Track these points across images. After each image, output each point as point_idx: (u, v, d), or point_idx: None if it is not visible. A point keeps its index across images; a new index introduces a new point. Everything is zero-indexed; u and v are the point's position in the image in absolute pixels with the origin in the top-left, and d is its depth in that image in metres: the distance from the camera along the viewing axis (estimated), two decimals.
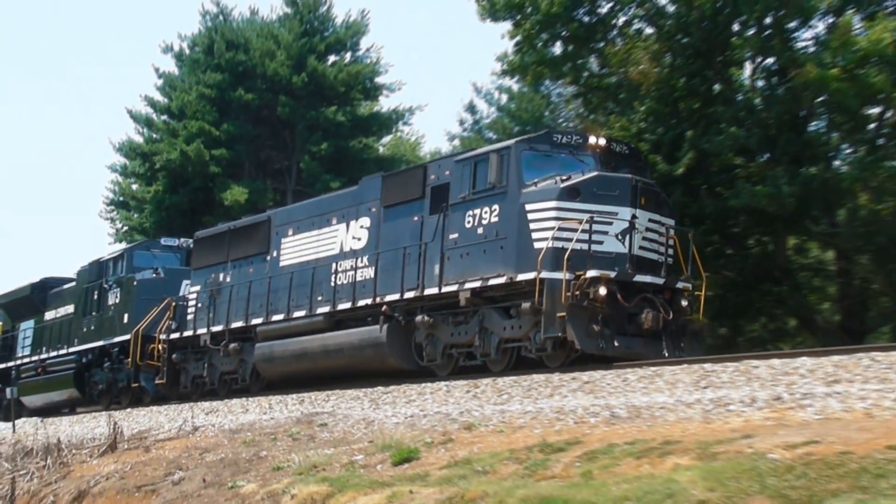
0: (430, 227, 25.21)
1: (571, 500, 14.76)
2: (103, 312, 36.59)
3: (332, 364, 27.46)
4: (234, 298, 31.05)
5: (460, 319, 24.44)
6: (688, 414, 18.03)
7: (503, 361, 23.52)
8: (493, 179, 23.48)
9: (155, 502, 22.57)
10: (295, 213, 31.70)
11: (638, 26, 36.52)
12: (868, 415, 15.83)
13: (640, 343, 22.05)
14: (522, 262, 22.55)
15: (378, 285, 26.28)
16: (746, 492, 13.56)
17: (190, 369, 33.06)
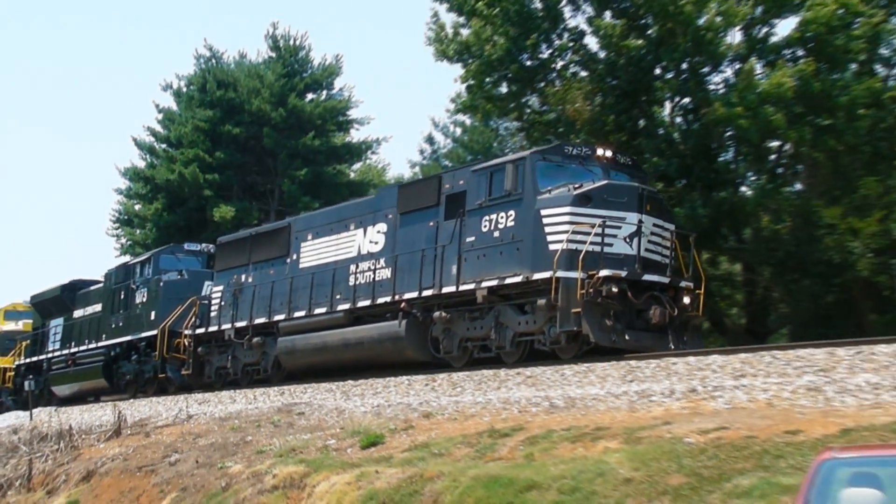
0: (445, 231, 24.55)
1: (516, 479, 14.85)
2: (131, 310, 35.85)
3: (351, 356, 26.76)
4: (256, 297, 30.29)
5: (476, 315, 23.72)
6: (616, 404, 18.15)
7: (517, 354, 22.89)
8: (509, 187, 22.80)
9: (154, 481, 22.50)
10: (314, 220, 30.87)
11: (573, 70, 36.60)
12: (769, 404, 15.98)
13: (648, 336, 21.51)
14: (538, 262, 21.94)
15: (396, 284, 25.52)
16: (666, 471, 13.69)
17: (214, 361, 32.27)
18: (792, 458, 13.01)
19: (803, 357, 17.41)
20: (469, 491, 15.05)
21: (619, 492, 13.50)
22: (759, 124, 29.59)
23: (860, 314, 30.74)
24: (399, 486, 16.39)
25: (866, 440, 12.71)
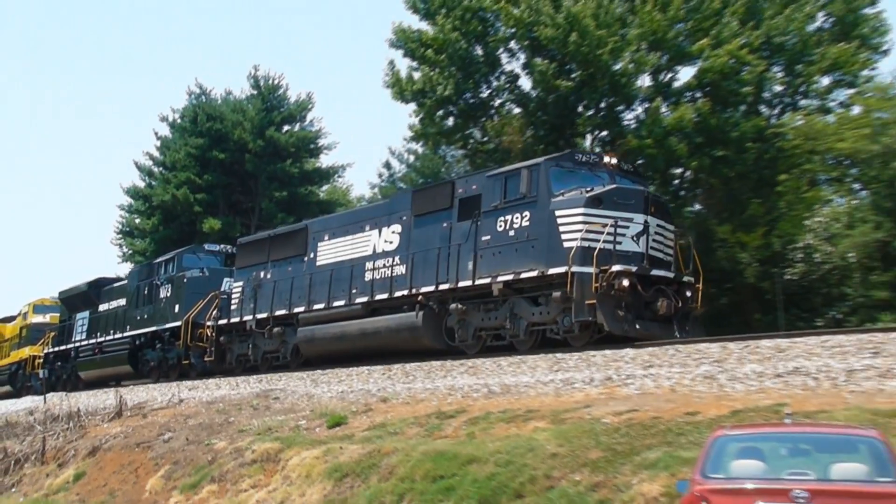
0: (459, 231, 23.41)
1: (459, 454, 14.87)
2: (155, 304, 34.81)
3: (368, 344, 25.53)
4: (276, 291, 29.03)
5: (491, 307, 22.55)
6: (544, 390, 18.20)
7: (529, 341, 21.76)
8: (524, 190, 21.71)
9: (150, 455, 22.35)
10: (330, 222, 29.60)
11: (509, 107, 36.77)
12: (672, 390, 16.10)
13: (655, 326, 20.49)
14: (553, 258, 20.79)
15: (413, 279, 24.31)
16: (586, 447, 13.76)
17: (235, 349, 31.00)
18: (691, 435, 13.12)
19: (701, 350, 17.55)
20: (419, 464, 15.05)
21: (546, 465, 13.54)
22: (665, 154, 29.97)
23: (747, 314, 30.98)
24: (360, 459, 16.37)
25: (752, 420, 12.84)
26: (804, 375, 14.84)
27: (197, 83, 57.13)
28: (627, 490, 12.10)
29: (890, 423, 11.81)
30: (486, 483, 13.60)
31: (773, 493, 8.45)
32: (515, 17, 33.14)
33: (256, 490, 17.71)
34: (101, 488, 22.21)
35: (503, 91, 36.48)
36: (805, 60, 33.95)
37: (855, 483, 8.50)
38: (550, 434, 14.70)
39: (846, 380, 14.26)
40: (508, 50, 35.89)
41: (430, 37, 35.25)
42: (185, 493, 19.15)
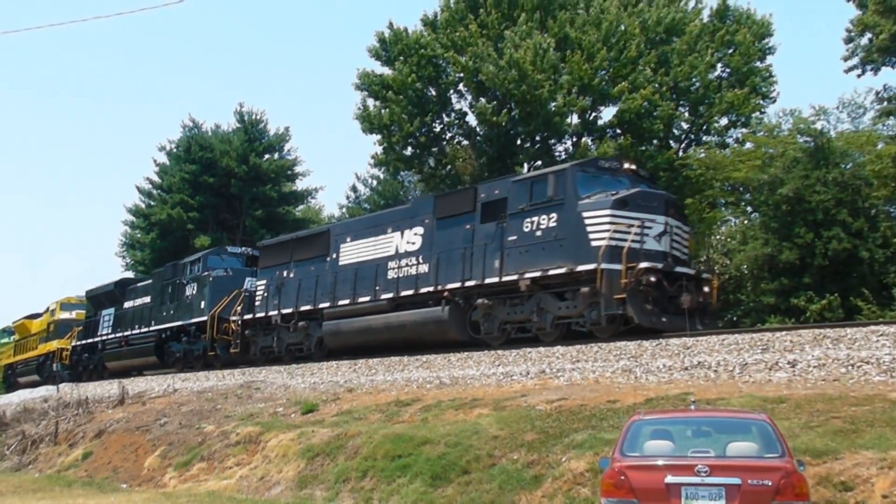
0: (482, 232, 22.01)
1: (414, 436, 14.84)
2: (181, 301, 33.35)
3: (393, 337, 23.90)
4: (301, 288, 27.34)
5: (517, 302, 21.06)
6: (488, 382, 18.19)
7: (555, 334, 20.27)
8: (551, 194, 20.39)
9: (148, 437, 22.09)
10: (352, 225, 27.94)
11: (459, 139, 36.91)
12: (596, 382, 16.14)
13: (679, 319, 19.03)
14: (580, 256, 19.38)
15: (438, 277, 22.79)
16: (523, 430, 13.78)
17: (259, 341, 29.26)
18: (612, 419, 13.18)
19: (620, 347, 17.60)
20: (380, 445, 15.01)
21: (489, 445, 13.55)
22: None
23: None
24: (329, 441, 16.29)
25: (663, 406, 12.93)
26: (706, 369, 14.97)
27: (190, 118, 56.70)
28: (558, 467, 12.14)
29: (777, 407, 11.97)
30: (438, 461, 13.60)
31: (680, 468, 8.52)
32: (462, 63, 33.29)
33: (240, 467, 17.57)
34: (106, 465, 21.93)
35: (453, 126, 36.67)
36: (706, 103, 34.46)
37: (747, 459, 8.61)
38: (493, 419, 14.72)
39: (741, 372, 14.40)
40: (457, 91, 36.07)
41: (390, 79, 35.35)
42: (179, 470, 18.96)
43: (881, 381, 12.54)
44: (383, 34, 36.36)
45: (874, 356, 13.23)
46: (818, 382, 13.10)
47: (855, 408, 11.47)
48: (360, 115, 36.19)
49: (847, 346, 14.01)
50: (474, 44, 33.17)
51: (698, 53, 33.99)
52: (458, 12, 35.37)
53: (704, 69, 34.00)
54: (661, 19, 34.84)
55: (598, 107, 34.63)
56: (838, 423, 11.04)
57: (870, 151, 28.51)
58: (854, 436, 10.55)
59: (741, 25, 36.35)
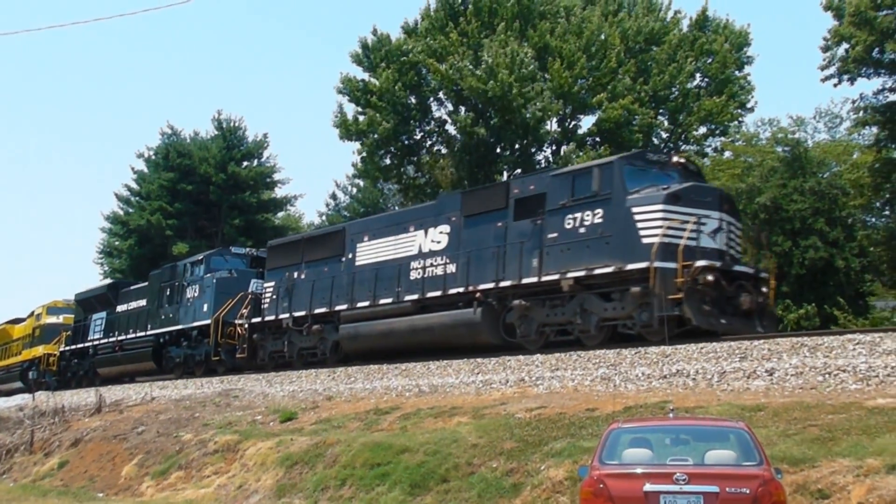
0: (516, 230, 20.70)
1: (393, 444, 14.79)
2: (182, 304, 31.72)
3: (419, 340, 22.49)
4: (315, 290, 25.86)
5: (557, 303, 19.71)
6: (467, 390, 18.15)
7: (599, 337, 18.97)
8: (596, 188, 19.00)
9: (125, 446, 21.90)
10: (369, 224, 26.27)
11: (438, 147, 36.99)
12: (576, 390, 16.13)
13: (738, 321, 17.90)
14: (630, 254, 18.08)
15: (469, 277, 21.43)
16: (502, 438, 13.77)
17: (268, 346, 27.78)
18: (591, 427, 13.19)
19: (599, 356, 17.58)
20: (359, 453, 14.96)
21: (468, 453, 13.53)
22: None
23: None
24: (308, 449, 16.23)
25: (642, 414, 12.96)
26: (685, 377, 15.00)
27: (168, 125, 56.88)
28: (537, 475, 12.14)
29: (755, 416, 12.02)
30: (417, 469, 13.57)
31: (658, 477, 8.54)
32: (441, 72, 33.37)
33: (218, 476, 17.47)
34: (82, 474, 21.74)
35: (433, 134, 36.77)
36: (685, 112, 34.70)
37: (725, 467, 8.64)
38: (472, 427, 14.70)
39: (719, 380, 14.45)
40: (437, 100, 36.18)
41: (372, 86, 35.40)
42: (156, 479, 18.82)
43: (857, 389, 12.63)
44: (366, 40, 36.44)
45: (850, 364, 13.33)
46: (795, 391, 13.18)
47: (832, 416, 11.54)
48: (338, 122, 36.22)
49: (824, 355, 14.10)
50: (454, 52, 33.28)
51: (678, 63, 34.24)
52: (439, 20, 35.51)
53: (684, 79, 34.27)
54: (640, 29, 35.10)
55: (578, 115, 34.82)
56: (815, 431, 11.11)
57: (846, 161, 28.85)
58: (831, 444, 10.61)
59: (718, 35, 36.70)
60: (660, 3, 38.26)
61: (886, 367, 12.88)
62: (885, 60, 27.27)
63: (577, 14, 34.91)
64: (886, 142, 28.55)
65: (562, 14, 35.54)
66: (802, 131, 31.90)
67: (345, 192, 52.82)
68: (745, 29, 37.83)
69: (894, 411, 11.25)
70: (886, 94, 28.21)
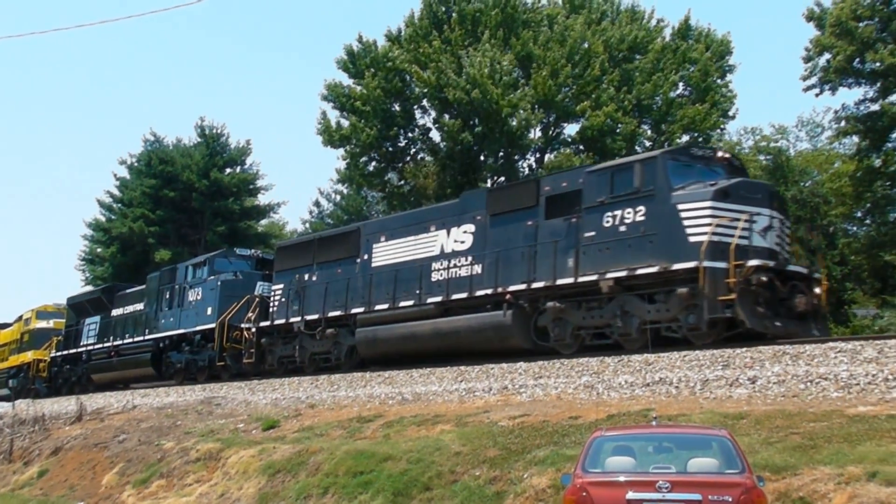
0: (547, 229, 19.78)
1: (376, 452, 14.76)
2: (184, 306, 30.45)
3: (443, 344, 21.49)
4: (329, 293, 24.78)
5: (594, 305, 18.83)
6: (450, 398, 18.15)
7: (640, 340, 17.97)
8: (638, 185, 18.09)
9: (106, 454, 21.79)
10: (387, 223, 25.30)
11: (422, 155, 37.01)
12: (559, 398, 16.15)
13: (793, 324, 16.93)
14: (676, 253, 17.15)
15: (498, 278, 20.47)
16: (485, 446, 13.77)
17: (277, 351, 26.69)
18: (574, 435, 13.20)
19: (583, 363, 17.60)
20: (342, 461, 14.92)
21: (451, 462, 13.52)
22: None
23: None
24: (290, 457, 16.17)
25: (625, 422, 12.99)
26: (667, 385, 15.04)
27: (151, 132, 56.70)
28: (520, 483, 12.13)
29: (737, 423, 12.06)
30: (400, 478, 13.54)
31: (641, 485, 8.55)
32: (425, 79, 33.42)
33: (200, 484, 17.38)
34: (62, 483, 21.59)
35: (417, 141, 36.80)
36: (668, 120, 34.88)
37: (708, 475, 8.67)
38: (455, 435, 14.69)
39: (702, 388, 14.49)
40: (421, 107, 36.23)
41: (357, 93, 35.42)
42: (137, 488, 18.71)
43: (839, 396, 12.70)
44: (352, 47, 36.46)
45: (832, 372, 13.40)
46: (777, 398, 13.24)
47: (813, 423, 11.60)
48: (322, 128, 36.20)
49: (806, 363, 14.17)
50: (437, 60, 33.34)
51: (662, 73, 34.43)
52: (423, 28, 35.57)
53: (668, 87, 34.46)
54: (624, 37, 35.27)
55: (562, 123, 34.94)
56: (797, 439, 11.16)
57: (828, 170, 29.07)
58: (812, 451, 10.66)
59: (700, 43, 36.98)
60: (643, 13, 38.53)
61: (867, 375, 12.97)
62: (866, 70, 27.52)
63: (561, 22, 35.05)
64: (867, 151, 28.78)
65: (545, 23, 35.69)
66: (784, 140, 32.15)
67: (328, 200, 52.81)
68: (727, 37, 38.12)
69: (875, 419, 11.32)
70: (867, 104, 28.47)
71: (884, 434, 10.74)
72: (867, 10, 26.90)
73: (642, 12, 38.48)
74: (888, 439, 10.56)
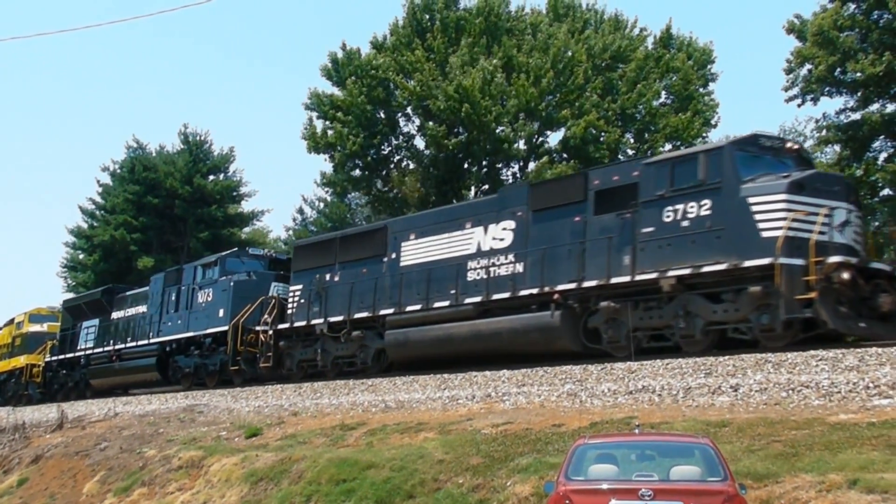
0: (597, 225, 18.74)
1: (359, 460, 14.74)
2: (192, 308, 29.23)
3: (483, 347, 20.40)
4: (354, 293, 23.66)
5: (652, 305, 17.81)
6: (433, 405, 18.16)
7: (704, 342, 17.06)
8: (703, 177, 17.02)
9: (87, 462, 21.66)
10: (416, 221, 24.09)
11: (406, 162, 37.05)
12: (542, 405, 16.18)
13: (878, 325, 15.87)
14: (746, 250, 16.14)
15: (544, 277, 19.38)
16: (468, 454, 13.77)
17: (296, 354, 25.51)
18: (557, 443, 13.22)
19: (566, 371, 17.65)
20: (325, 469, 14.89)
21: (434, 469, 13.51)
22: None
23: None
24: (273, 465, 16.13)
25: (608, 430, 13.01)
26: (650, 393, 15.09)
27: (134, 138, 56.35)
28: (503, 491, 12.13)
29: (719, 431, 12.11)
30: (383, 485, 13.52)
31: (624, 492, 8.55)
32: (410, 89, 33.48)
33: (182, 492, 17.30)
34: (42, 492, 21.42)
35: (401, 149, 36.84)
36: (651, 129, 35.05)
37: (690, 482, 8.69)
38: (438, 443, 14.69)
39: (684, 396, 14.54)
40: (405, 115, 36.28)
41: (340, 100, 35.42)
42: (119, 496, 18.60)
43: (820, 404, 12.77)
44: (336, 54, 36.48)
45: (813, 380, 13.47)
46: (760, 406, 13.29)
47: (795, 431, 11.66)
48: (307, 134, 36.19)
49: (788, 371, 14.25)
50: (421, 68, 33.39)
51: (645, 81, 34.61)
52: (406, 36, 35.63)
53: (651, 96, 34.64)
54: (607, 46, 35.42)
55: (545, 131, 35.04)
56: (779, 447, 11.21)
57: None
58: (794, 459, 10.72)
59: (682, 52, 37.20)
60: (626, 21, 38.72)
61: (848, 383, 13.05)
62: (847, 80, 27.70)
63: (544, 31, 35.18)
64: (849, 160, 28.96)
65: (528, 31, 35.82)
66: None
67: (312, 207, 52.76)
68: (709, 46, 38.36)
69: (856, 427, 11.39)
70: (849, 114, 28.67)
71: (864, 442, 10.81)
72: (848, 21, 27.10)
73: (625, 21, 38.69)
74: (869, 447, 10.63)
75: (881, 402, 12.31)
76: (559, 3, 38.29)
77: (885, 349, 14.03)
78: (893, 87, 27.40)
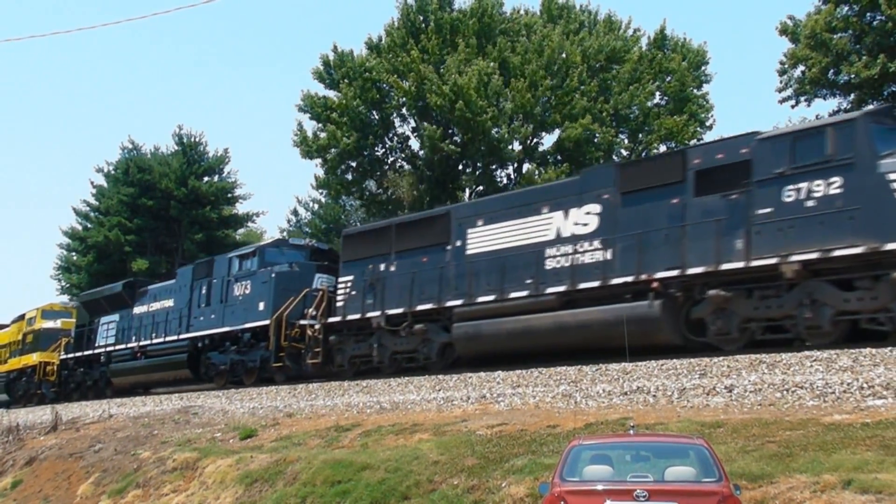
0: (699, 207, 17.20)
1: (354, 462, 14.73)
2: (228, 302, 27.48)
3: (567, 340, 18.86)
4: (416, 284, 22.12)
5: (770, 293, 16.25)
6: (428, 407, 18.14)
7: (833, 334, 15.53)
8: (831, 152, 15.46)
9: (81, 464, 21.62)
10: (483, 206, 22.34)
11: (401, 164, 37.01)
12: (537, 406, 16.19)
13: None
14: (888, 232, 14.56)
15: (641, 264, 17.87)
16: (463, 455, 13.76)
17: (347, 350, 23.86)
18: (552, 444, 13.21)
19: (560, 372, 17.65)
20: (319, 471, 14.87)
21: (429, 471, 13.49)
22: None
23: None
24: (268, 467, 16.10)
25: (602, 431, 13.01)
26: (645, 394, 15.09)
27: (129, 140, 56.30)
28: (498, 492, 12.12)
29: (714, 432, 12.12)
30: (378, 487, 13.50)
31: (619, 493, 8.55)
32: (405, 89, 33.46)
33: (176, 494, 17.27)
34: (36, 494, 21.39)
35: (396, 150, 36.82)
36: (646, 130, 35.09)
37: (685, 483, 8.69)
38: (433, 444, 14.68)
39: (679, 397, 14.55)
40: (401, 115, 36.25)
41: (333, 102, 35.40)
42: (113, 498, 18.56)
43: (814, 405, 12.78)
44: (328, 57, 36.45)
45: (808, 381, 13.49)
46: (754, 407, 13.31)
47: (789, 432, 11.67)
48: (299, 140, 36.15)
49: (782, 372, 14.26)
50: (416, 69, 33.39)
51: (639, 83, 34.64)
52: (400, 38, 35.62)
53: (645, 98, 34.67)
54: (602, 47, 35.45)
55: (540, 133, 35.06)
56: (773, 448, 11.22)
57: None
58: (788, 459, 10.73)
59: (676, 53, 37.26)
60: (619, 22, 38.75)
61: (843, 383, 13.07)
62: (840, 82, 27.79)
63: (539, 32, 35.20)
64: None
65: (523, 32, 35.83)
66: None
67: (306, 209, 52.75)
68: (703, 47, 38.42)
69: (850, 427, 11.41)
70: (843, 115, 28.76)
71: (859, 442, 10.83)
72: (841, 23, 27.19)
73: (619, 22, 38.72)
74: (863, 447, 10.65)
75: (875, 403, 12.33)
76: (553, 4, 38.34)
77: (879, 350, 14.04)
78: (887, 89, 27.49)
